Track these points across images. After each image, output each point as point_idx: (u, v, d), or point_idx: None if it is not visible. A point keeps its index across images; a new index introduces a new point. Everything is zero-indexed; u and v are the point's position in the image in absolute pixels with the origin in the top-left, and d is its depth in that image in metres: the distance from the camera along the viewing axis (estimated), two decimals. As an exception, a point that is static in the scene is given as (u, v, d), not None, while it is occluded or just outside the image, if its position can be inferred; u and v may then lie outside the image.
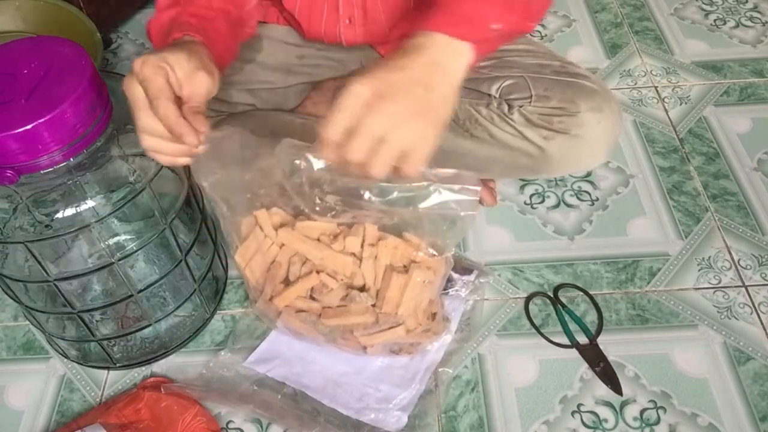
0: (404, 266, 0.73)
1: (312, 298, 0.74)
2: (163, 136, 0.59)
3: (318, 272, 0.72)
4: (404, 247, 0.72)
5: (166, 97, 0.57)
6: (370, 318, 0.73)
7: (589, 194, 1.01)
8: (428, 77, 0.59)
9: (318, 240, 0.73)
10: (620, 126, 0.84)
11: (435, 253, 0.72)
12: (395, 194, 0.65)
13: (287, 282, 0.74)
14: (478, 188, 0.65)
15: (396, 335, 0.74)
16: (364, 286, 0.73)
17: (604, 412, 0.79)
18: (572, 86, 0.82)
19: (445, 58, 0.60)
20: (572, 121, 0.80)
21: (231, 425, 0.79)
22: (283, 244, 0.73)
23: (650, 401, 0.79)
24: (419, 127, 0.58)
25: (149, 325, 0.80)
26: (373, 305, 0.73)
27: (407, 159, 0.58)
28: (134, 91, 0.58)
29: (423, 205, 0.66)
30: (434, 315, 0.78)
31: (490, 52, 0.63)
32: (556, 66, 0.84)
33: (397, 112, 0.57)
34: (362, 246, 0.72)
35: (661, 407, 0.79)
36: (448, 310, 0.85)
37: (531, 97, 0.82)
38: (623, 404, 0.79)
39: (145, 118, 0.58)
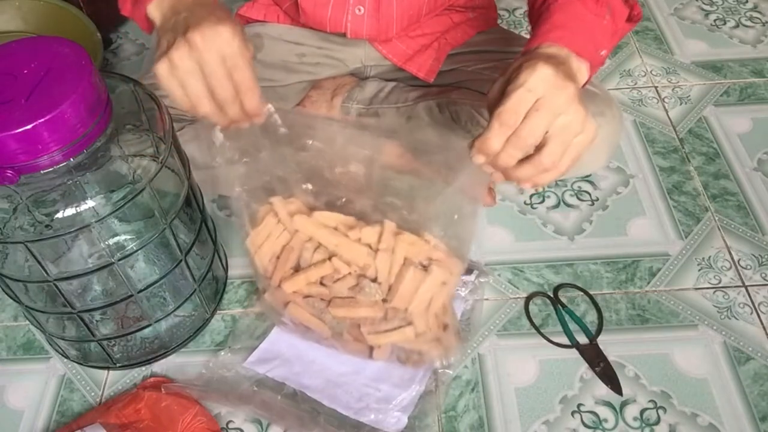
0: (420, 263, 0.71)
1: (322, 284, 0.73)
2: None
3: (330, 258, 0.71)
4: (421, 244, 0.70)
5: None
6: (379, 312, 0.72)
7: (589, 194, 1.01)
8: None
9: (335, 229, 0.72)
10: (621, 130, 0.84)
11: (449, 251, 0.71)
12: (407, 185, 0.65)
13: (298, 269, 0.73)
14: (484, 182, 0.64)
15: (404, 336, 0.73)
16: (375, 279, 0.71)
17: (604, 412, 0.79)
18: None
19: (574, 72, 0.60)
20: None
21: (231, 425, 0.79)
22: (296, 231, 0.72)
23: (650, 401, 0.79)
24: (592, 124, 0.58)
25: (149, 325, 0.80)
26: (384, 300, 0.71)
27: (570, 150, 0.57)
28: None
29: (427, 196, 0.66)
30: (446, 326, 0.76)
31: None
32: None
33: (579, 101, 0.56)
34: (379, 238, 0.70)
35: (661, 407, 0.79)
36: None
37: None
38: (623, 404, 0.79)
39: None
